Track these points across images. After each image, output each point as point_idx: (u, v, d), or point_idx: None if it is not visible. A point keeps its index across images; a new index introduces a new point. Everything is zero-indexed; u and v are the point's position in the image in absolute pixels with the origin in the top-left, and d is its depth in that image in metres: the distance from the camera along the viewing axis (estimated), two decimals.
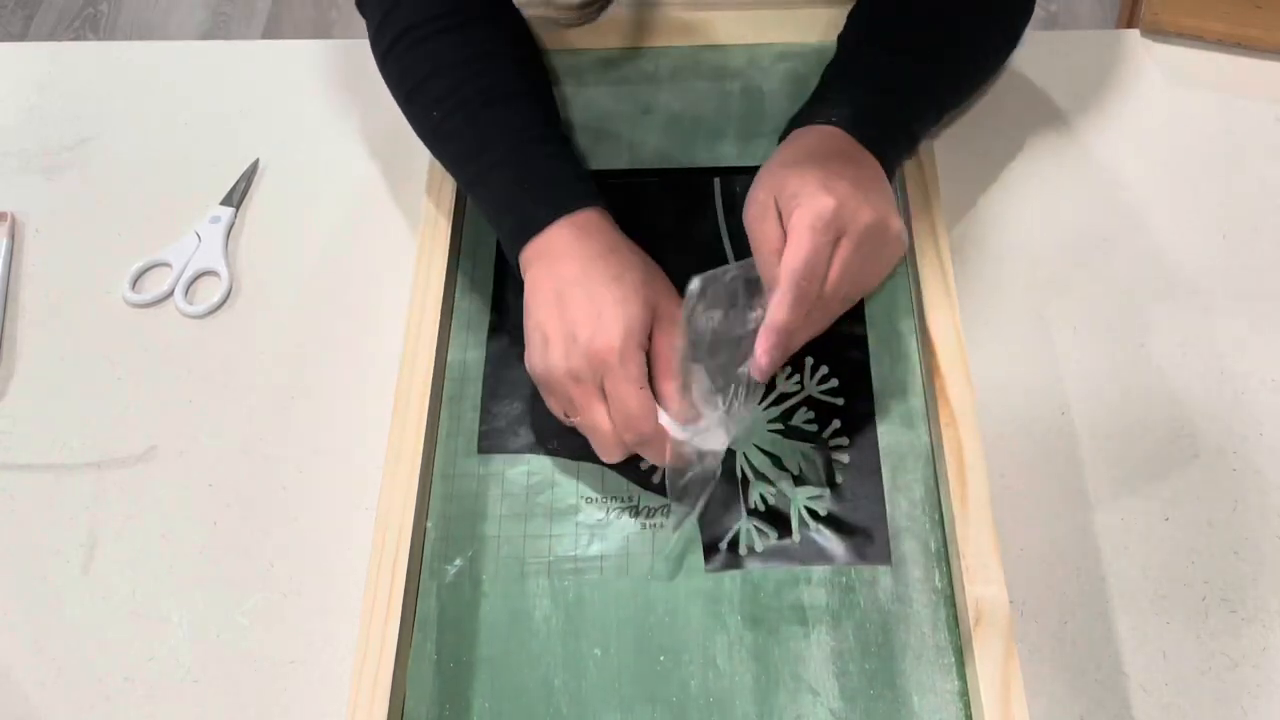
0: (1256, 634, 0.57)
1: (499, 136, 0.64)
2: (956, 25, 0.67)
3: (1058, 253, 0.70)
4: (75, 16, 2.02)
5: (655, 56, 0.79)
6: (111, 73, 0.83)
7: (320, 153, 0.77)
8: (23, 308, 0.71)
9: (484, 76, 0.65)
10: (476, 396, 0.65)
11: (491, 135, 0.64)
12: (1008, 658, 0.53)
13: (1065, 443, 0.63)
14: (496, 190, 0.64)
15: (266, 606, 0.60)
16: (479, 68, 0.65)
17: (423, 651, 0.57)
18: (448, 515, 0.61)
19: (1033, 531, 0.60)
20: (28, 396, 0.67)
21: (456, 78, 0.65)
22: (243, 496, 0.63)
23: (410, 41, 0.66)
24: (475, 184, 0.65)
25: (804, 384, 0.65)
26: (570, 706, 0.56)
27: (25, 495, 0.64)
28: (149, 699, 0.57)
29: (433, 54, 0.65)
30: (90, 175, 0.77)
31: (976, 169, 0.73)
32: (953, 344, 0.62)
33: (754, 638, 0.57)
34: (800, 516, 0.60)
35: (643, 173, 0.74)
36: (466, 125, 0.64)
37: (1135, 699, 0.55)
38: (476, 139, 0.64)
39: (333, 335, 0.69)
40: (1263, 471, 0.62)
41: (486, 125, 0.64)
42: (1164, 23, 0.79)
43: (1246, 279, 0.69)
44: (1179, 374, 0.65)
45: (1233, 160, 0.74)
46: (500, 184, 0.63)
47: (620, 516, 0.61)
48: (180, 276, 0.71)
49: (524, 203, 0.62)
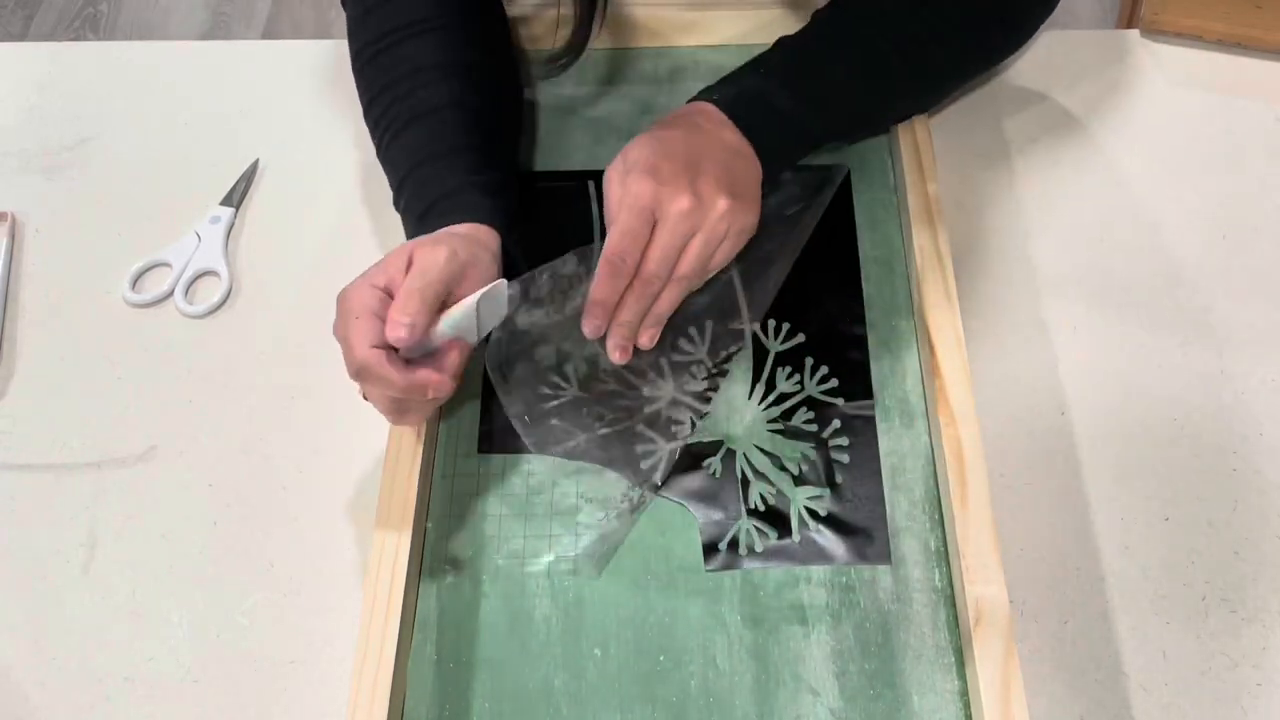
0: (1256, 634, 0.57)
1: (406, 155, 0.64)
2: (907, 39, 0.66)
3: (1057, 253, 0.70)
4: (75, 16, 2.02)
5: (655, 56, 0.79)
6: (111, 73, 0.83)
7: (320, 153, 0.77)
8: (23, 308, 0.71)
9: (413, 94, 0.65)
10: (476, 396, 0.65)
11: (401, 156, 0.64)
12: (1008, 658, 0.53)
13: (1065, 443, 0.63)
14: (403, 210, 0.64)
15: (266, 606, 0.60)
16: (420, 80, 0.65)
17: (423, 651, 0.57)
18: (448, 515, 0.61)
19: (1033, 531, 0.60)
20: (28, 396, 0.67)
21: (394, 95, 0.65)
22: (243, 496, 0.63)
23: (369, 55, 0.67)
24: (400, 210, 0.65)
25: (804, 384, 0.65)
26: (570, 707, 0.56)
27: (25, 495, 0.64)
28: (149, 699, 0.57)
29: (386, 68, 0.66)
30: (90, 175, 0.77)
31: (976, 169, 0.73)
32: (953, 344, 0.62)
33: (754, 638, 0.57)
34: (800, 516, 0.60)
35: None
36: (389, 149, 0.65)
37: (1135, 699, 0.55)
38: (391, 162, 0.65)
39: (333, 335, 0.69)
40: (1263, 471, 0.62)
41: (401, 147, 0.64)
42: (1164, 23, 0.79)
43: (1246, 279, 0.69)
44: (1179, 374, 0.65)
45: (1233, 160, 0.74)
46: (404, 204, 0.64)
47: (620, 516, 0.61)
48: (180, 276, 0.71)
49: (412, 223, 0.63)
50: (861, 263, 0.69)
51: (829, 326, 0.66)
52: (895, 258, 0.69)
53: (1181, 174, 0.73)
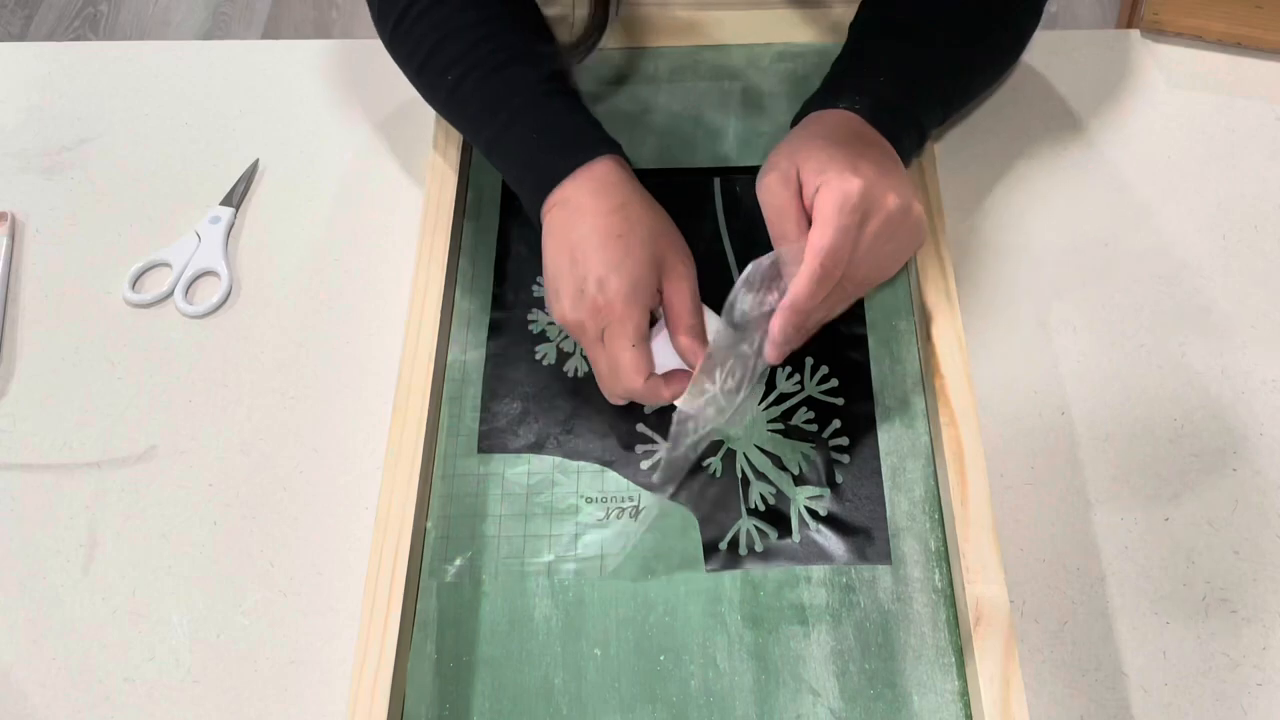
0: (1256, 634, 0.57)
1: (513, 94, 0.64)
2: (969, 24, 0.67)
3: (1058, 253, 0.70)
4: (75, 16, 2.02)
5: (655, 56, 0.79)
6: (111, 73, 0.83)
7: (320, 153, 0.77)
8: (23, 308, 0.71)
9: (494, 39, 0.65)
10: (476, 396, 0.65)
11: (505, 94, 0.65)
12: (1008, 658, 0.53)
13: (1065, 443, 0.63)
14: (514, 147, 0.64)
15: (266, 606, 0.60)
16: (487, 30, 0.66)
17: (423, 651, 0.57)
18: (448, 515, 0.61)
19: (1033, 531, 0.60)
20: (28, 396, 0.67)
21: (467, 42, 0.65)
22: (243, 496, 0.63)
23: (417, 13, 0.66)
24: (493, 144, 0.66)
25: (804, 384, 0.65)
26: (570, 706, 0.56)
27: (25, 495, 0.64)
28: (149, 699, 0.57)
29: (441, 22, 0.66)
30: (90, 175, 0.77)
31: (977, 169, 0.74)
32: (953, 344, 0.62)
33: (754, 637, 0.57)
34: (800, 516, 0.60)
35: (643, 173, 0.73)
36: (480, 87, 0.65)
37: (1135, 699, 0.55)
38: (492, 99, 0.65)
39: (333, 335, 0.69)
40: (1263, 471, 0.62)
41: (500, 85, 0.65)
42: (1164, 23, 0.79)
43: (1246, 279, 0.69)
44: (1179, 374, 0.65)
45: (1233, 160, 0.74)
46: (517, 141, 0.64)
47: (620, 516, 0.61)
48: (180, 276, 0.71)
49: (541, 156, 0.63)
50: None
51: (829, 326, 0.66)
52: None
53: (1182, 174, 0.73)
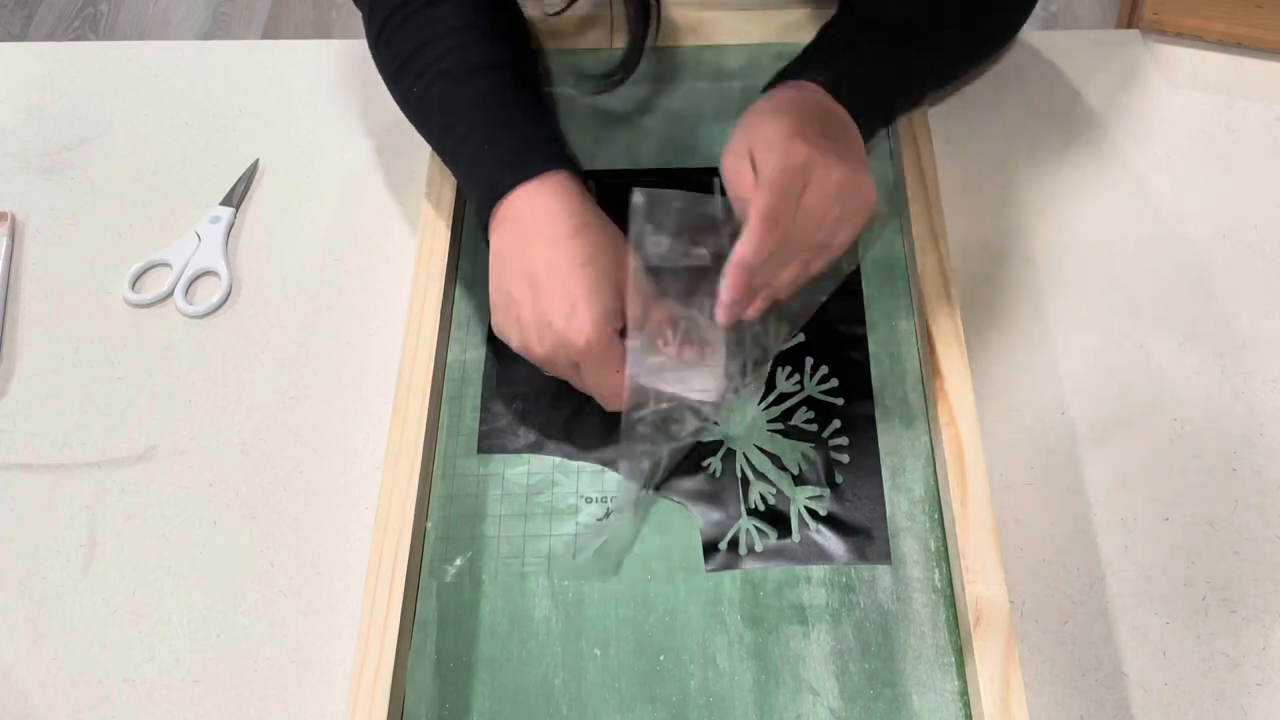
0: (1256, 634, 0.57)
1: (472, 106, 0.64)
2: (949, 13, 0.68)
3: (1058, 252, 0.70)
4: (75, 16, 2.02)
5: (655, 56, 0.79)
6: (111, 73, 0.83)
7: (320, 153, 0.77)
8: (23, 308, 0.71)
9: (465, 48, 0.65)
10: (476, 396, 0.65)
11: (465, 105, 0.64)
12: (1008, 658, 0.53)
13: (1065, 443, 0.63)
14: (466, 158, 0.64)
15: (266, 606, 0.60)
16: (460, 39, 0.65)
17: (423, 651, 0.57)
18: (448, 515, 0.61)
19: (1033, 531, 0.60)
20: (28, 396, 0.67)
21: (437, 51, 0.65)
22: (243, 496, 0.63)
23: (399, 19, 0.66)
24: (452, 155, 0.66)
25: (804, 384, 0.65)
26: (570, 707, 0.56)
27: (25, 495, 0.64)
28: (149, 699, 0.57)
29: (418, 29, 0.66)
30: (90, 175, 0.77)
31: (977, 169, 0.73)
32: (953, 344, 0.62)
33: (754, 637, 0.57)
34: (800, 516, 0.60)
35: (643, 173, 0.74)
36: (443, 97, 0.65)
37: (1135, 699, 0.55)
38: (452, 109, 0.65)
39: (333, 335, 0.69)
40: (1263, 471, 0.62)
41: (461, 95, 0.65)
42: (1164, 23, 0.79)
43: (1247, 279, 0.69)
44: (1179, 374, 0.65)
45: (1233, 160, 0.74)
46: (471, 152, 0.64)
47: (623, 517, 0.61)
48: (180, 276, 0.71)
49: (491, 168, 0.62)
50: (861, 263, 0.69)
51: (829, 326, 0.66)
52: (895, 258, 0.69)
53: (1182, 174, 0.73)
